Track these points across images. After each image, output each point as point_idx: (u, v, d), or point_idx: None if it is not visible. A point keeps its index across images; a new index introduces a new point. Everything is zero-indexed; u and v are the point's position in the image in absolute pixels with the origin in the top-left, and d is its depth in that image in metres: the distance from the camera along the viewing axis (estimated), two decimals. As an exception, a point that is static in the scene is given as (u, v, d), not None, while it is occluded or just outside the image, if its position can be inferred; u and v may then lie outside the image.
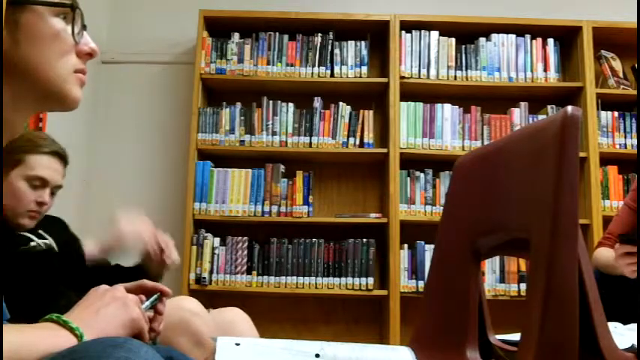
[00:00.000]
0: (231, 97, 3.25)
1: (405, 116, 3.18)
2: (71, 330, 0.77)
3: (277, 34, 3.28)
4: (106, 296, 0.86)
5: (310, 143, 3.17)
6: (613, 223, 2.26)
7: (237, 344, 0.84)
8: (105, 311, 0.83)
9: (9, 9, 0.80)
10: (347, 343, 0.92)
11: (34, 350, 0.72)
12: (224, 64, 3.24)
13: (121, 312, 0.85)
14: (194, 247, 3.04)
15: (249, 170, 3.15)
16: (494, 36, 3.29)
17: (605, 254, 2.13)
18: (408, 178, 3.15)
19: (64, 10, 0.84)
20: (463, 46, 3.28)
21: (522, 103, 3.26)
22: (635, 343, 0.85)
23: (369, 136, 3.19)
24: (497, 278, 3.05)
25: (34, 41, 0.82)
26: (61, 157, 1.77)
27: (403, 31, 3.25)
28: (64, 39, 0.85)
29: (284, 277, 3.05)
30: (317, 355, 0.84)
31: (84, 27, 0.89)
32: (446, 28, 3.28)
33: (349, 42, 3.26)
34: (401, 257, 3.04)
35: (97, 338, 0.76)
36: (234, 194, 3.12)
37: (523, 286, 3.03)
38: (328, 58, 3.24)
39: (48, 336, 0.75)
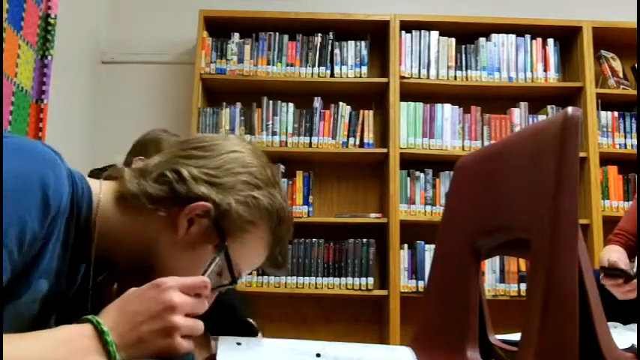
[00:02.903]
0: (231, 97, 3.25)
1: (405, 116, 3.18)
2: (107, 353, 0.72)
3: (277, 34, 3.28)
4: (156, 313, 0.76)
5: (310, 143, 3.17)
6: (623, 220, 2.25)
7: (239, 344, 0.84)
8: (147, 335, 0.74)
9: (215, 232, 0.85)
10: (348, 343, 0.92)
11: None
12: (224, 64, 3.24)
13: (163, 342, 0.75)
14: (194, 247, 3.04)
15: (250, 170, 3.14)
16: (494, 36, 3.29)
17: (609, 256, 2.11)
18: (408, 178, 3.15)
19: (227, 276, 0.88)
20: (463, 46, 3.29)
21: (522, 103, 3.26)
22: (635, 343, 0.85)
23: (369, 136, 3.19)
24: (497, 278, 3.05)
25: (194, 264, 0.85)
26: None
27: (403, 31, 3.25)
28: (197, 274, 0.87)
29: (284, 277, 3.05)
30: (318, 355, 0.85)
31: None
32: (446, 28, 3.28)
33: (349, 42, 3.26)
34: (401, 257, 3.05)
35: None
36: (235, 194, 3.11)
37: (523, 286, 3.03)
38: (328, 58, 3.24)
39: (83, 356, 0.71)
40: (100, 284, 0.94)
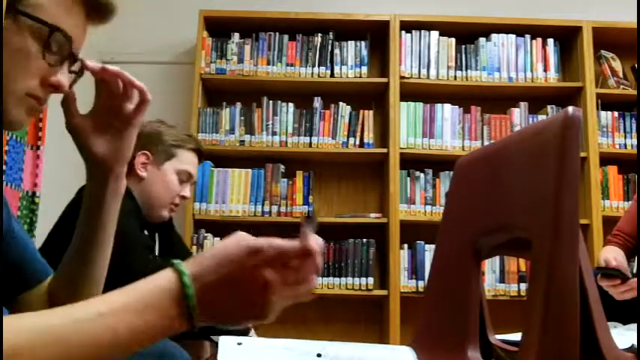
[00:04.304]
0: (231, 97, 3.25)
1: (405, 116, 3.18)
2: (190, 324, 0.63)
3: (277, 34, 3.28)
4: (255, 286, 0.65)
5: (310, 143, 3.17)
6: (622, 220, 2.25)
7: (240, 344, 0.84)
8: (236, 311, 0.66)
9: None
10: (349, 343, 0.92)
11: (148, 338, 0.62)
12: (224, 64, 3.24)
13: (251, 317, 0.67)
14: (194, 247, 3.04)
15: (249, 170, 3.15)
16: (494, 36, 3.29)
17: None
18: (408, 178, 3.15)
19: (44, 31, 0.79)
20: (463, 46, 3.29)
21: (522, 103, 3.26)
22: (635, 343, 0.85)
23: (369, 136, 3.19)
24: (497, 278, 3.05)
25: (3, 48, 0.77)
26: (201, 155, 1.87)
27: (403, 31, 3.25)
28: (31, 59, 0.80)
29: (284, 277, 3.04)
30: (319, 355, 0.85)
31: (71, 57, 0.84)
32: (446, 28, 3.28)
33: (349, 42, 3.26)
34: (401, 257, 3.05)
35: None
36: (234, 194, 3.12)
37: (523, 286, 3.04)
38: (328, 58, 3.24)
39: (165, 322, 0.62)
40: None
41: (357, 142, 3.19)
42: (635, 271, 2.34)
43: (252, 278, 0.65)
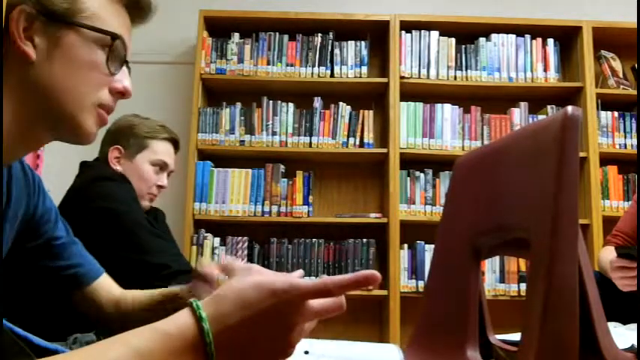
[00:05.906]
0: (231, 97, 3.25)
1: (405, 116, 3.18)
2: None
3: (277, 34, 3.28)
4: (277, 328, 0.63)
5: (310, 143, 3.17)
6: (622, 221, 2.24)
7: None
8: (258, 354, 0.62)
9: (54, 25, 0.79)
10: (336, 340, 0.93)
11: None
12: (224, 64, 3.24)
13: (274, 356, 0.64)
14: (194, 247, 3.04)
15: (249, 170, 3.15)
16: (494, 36, 3.29)
17: (609, 257, 2.11)
18: (408, 178, 3.15)
19: (106, 40, 0.82)
20: (463, 46, 3.29)
21: (522, 103, 3.26)
22: (635, 343, 0.85)
23: (369, 136, 3.19)
24: (497, 278, 3.05)
25: (69, 64, 0.80)
26: (176, 143, 1.91)
27: (403, 31, 3.25)
28: (99, 70, 0.83)
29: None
30: (306, 352, 0.85)
31: (125, 63, 0.88)
32: (446, 28, 3.28)
33: (349, 42, 3.26)
34: (401, 257, 3.04)
35: None
36: (234, 194, 3.12)
37: (523, 286, 3.04)
38: (328, 58, 3.24)
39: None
40: None
41: (357, 142, 3.19)
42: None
43: (276, 322, 0.63)
